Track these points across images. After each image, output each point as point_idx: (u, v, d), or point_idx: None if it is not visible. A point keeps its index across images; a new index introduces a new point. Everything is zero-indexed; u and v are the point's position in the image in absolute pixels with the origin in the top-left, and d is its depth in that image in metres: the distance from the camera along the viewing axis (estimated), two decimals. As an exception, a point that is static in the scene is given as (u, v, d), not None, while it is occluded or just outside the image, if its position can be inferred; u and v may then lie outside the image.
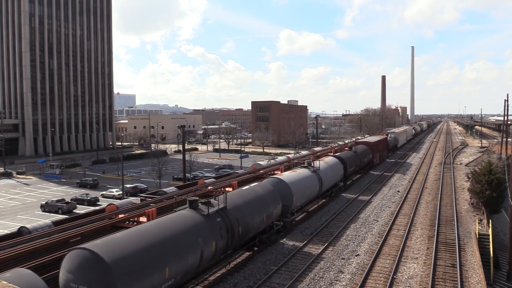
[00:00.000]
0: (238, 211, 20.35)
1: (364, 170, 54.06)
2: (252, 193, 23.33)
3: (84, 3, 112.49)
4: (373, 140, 62.21)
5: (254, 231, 22.17)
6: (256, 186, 25.21)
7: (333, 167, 38.04)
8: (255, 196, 23.09)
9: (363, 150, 53.09)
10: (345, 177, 43.02)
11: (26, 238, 16.79)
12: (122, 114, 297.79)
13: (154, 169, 58.52)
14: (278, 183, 27.18)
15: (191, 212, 18.32)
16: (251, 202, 22.07)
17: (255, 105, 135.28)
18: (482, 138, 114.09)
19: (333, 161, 39.59)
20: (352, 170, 45.28)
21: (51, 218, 39.70)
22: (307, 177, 31.14)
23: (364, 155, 51.75)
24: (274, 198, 24.69)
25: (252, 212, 21.65)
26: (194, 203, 18.88)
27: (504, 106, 59.20)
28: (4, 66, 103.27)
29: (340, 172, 39.93)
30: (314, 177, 32.38)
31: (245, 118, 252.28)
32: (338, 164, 40.12)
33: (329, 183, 35.85)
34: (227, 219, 19.35)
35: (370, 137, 74.96)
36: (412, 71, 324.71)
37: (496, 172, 32.76)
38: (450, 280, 20.52)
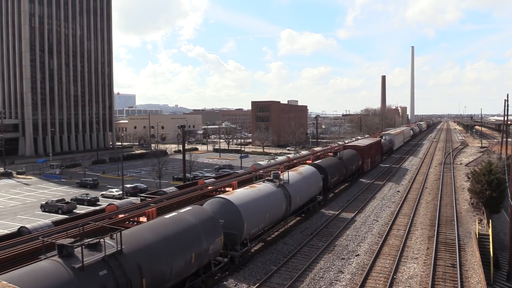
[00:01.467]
0: (144, 255, 14.50)
1: (352, 178, 47.43)
2: (175, 224, 16.95)
3: (84, 3, 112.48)
4: (364, 144, 54.68)
5: (174, 280, 16.05)
6: (186, 213, 18.25)
7: (308, 179, 31.53)
8: (178, 229, 16.77)
9: (351, 156, 46.37)
10: (326, 189, 36.24)
11: (26, 238, 16.78)
12: (122, 114, 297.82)
13: (154, 169, 58.54)
14: (223, 206, 21.09)
15: (56, 265, 12.06)
16: (170, 239, 15.95)
17: (255, 105, 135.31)
18: (482, 138, 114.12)
19: (309, 171, 32.98)
20: (335, 181, 38.50)
21: (51, 218, 39.71)
22: (268, 195, 24.66)
23: (351, 162, 44.97)
24: (212, 228, 18.46)
25: (171, 253, 15.68)
26: (65, 249, 12.53)
27: (504, 106, 59.21)
28: (4, 66, 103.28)
29: (318, 183, 33.23)
30: (280, 194, 26.01)
31: (245, 118, 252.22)
32: (316, 174, 33.45)
33: (302, 198, 29.73)
34: (120, 270, 13.25)
35: (361, 140, 67.29)
36: (412, 71, 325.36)
37: (496, 172, 32.76)
38: (450, 280, 20.52)
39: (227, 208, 21.01)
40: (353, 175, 47.35)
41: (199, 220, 18.01)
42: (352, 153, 47.59)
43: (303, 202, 30.70)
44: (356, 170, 47.79)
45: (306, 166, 34.86)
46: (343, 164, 41.70)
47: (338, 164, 40.61)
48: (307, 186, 30.75)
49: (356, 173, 48.56)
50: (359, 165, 48.64)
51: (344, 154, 43.89)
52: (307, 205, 32.15)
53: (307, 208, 32.28)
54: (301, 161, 44.13)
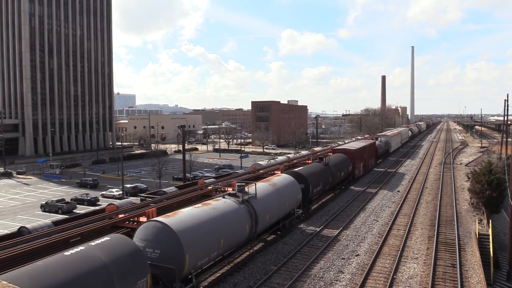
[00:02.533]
0: None
1: (342, 186, 42.81)
2: (72, 267, 12.13)
3: (84, 3, 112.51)
4: (355, 147, 49.47)
5: None
6: (96, 248, 13.39)
7: (283, 191, 26.20)
8: (74, 274, 11.94)
9: (340, 161, 41.44)
10: (307, 201, 31.44)
11: (26, 238, 16.79)
12: (122, 114, 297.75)
13: (154, 169, 58.55)
14: (159, 233, 16.09)
15: None
16: None
17: (255, 105, 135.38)
18: (482, 138, 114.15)
19: (284, 181, 27.61)
20: (318, 190, 33.53)
21: (51, 218, 39.72)
22: (225, 214, 19.45)
23: (340, 167, 40.11)
24: (132, 266, 13.76)
25: None
26: None
27: (504, 106, 59.22)
28: (4, 66, 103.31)
29: (296, 195, 28.06)
30: (242, 212, 20.87)
31: (245, 118, 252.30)
32: (293, 184, 28.20)
33: (273, 215, 24.47)
34: None
35: (353, 142, 61.99)
36: (412, 71, 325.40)
37: (496, 172, 32.77)
38: (450, 280, 20.52)
39: (164, 236, 15.98)
40: (343, 182, 42.59)
41: (112, 256, 13.28)
42: (341, 158, 42.63)
43: (276, 219, 25.40)
44: (346, 177, 42.87)
45: (283, 175, 29.45)
46: (329, 171, 36.58)
47: (323, 171, 35.49)
48: (281, 200, 25.43)
49: (346, 179, 43.72)
50: (349, 171, 43.54)
51: (331, 160, 38.91)
52: (283, 221, 27.01)
53: (283, 224, 27.12)
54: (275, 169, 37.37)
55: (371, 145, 58.13)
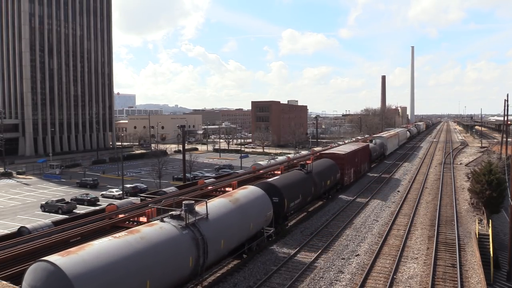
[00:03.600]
0: None
1: (329, 195, 37.94)
2: None
3: (84, 3, 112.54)
4: (345, 151, 44.43)
5: None
6: None
7: (246, 209, 21.16)
8: None
9: (326, 168, 36.70)
10: (281, 217, 26.78)
11: (26, 238, 16.79)
12: (122, 114, 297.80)
13: (154, 169, 58.58)
14: (47, 280, 11.57)
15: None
16: None
17: (255, 105, 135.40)
18: (482, 138, 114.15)
19: (250, 196, 22.56)
20: (297, 204, 28.57)
21: (51, 218, 39.73)
22: (155, 246, 14.64)
23: (325, 175, 35.35)
24: None
25: None
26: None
27: (504, 106, 59.21)
28: (4, 66, 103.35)
29: (266, 212, 23.07)
30: (185, 240, 16.05)
31: (245, 118, 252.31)
32: (262, 199, 23.27)
33: (232, 240, 19.69)
34: None
35: (344, 145, 56.85)
36: (412, 71, 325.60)
37: (496, 172, 32.77)
38: (450, 280, 20.52)
39: (54, 284, 11.49)
40: (330, 191, 37.87)
41: None
42: (327, 164, 37.82)
43: (236, 244, 20.66)
44: (333, 185, 38.30)
45: (250, 187, 24.16)
46: (311, 180, 31.69)
47: (304, 181, 30.58)
48: (244, 219, 20.79)
49: (334, 188, 39.30)
50: (337, 178, 39.05)
51: (314, 166, 33.87)
52: (251, 242, 22.40)
53: (249, 247, 22.42)
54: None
55: (364, 148, 53.11)
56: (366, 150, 54.13)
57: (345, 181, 42.02)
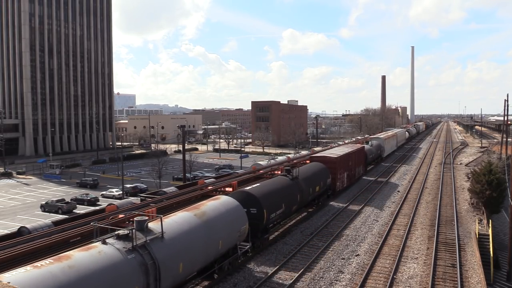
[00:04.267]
0: None
1: (319, 201, 35.56)
2: None
3: (84, 3, 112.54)
4: (337, 154, 41.59)
5: None
6: None
7: (215, 223, 18.44)
8: None
9: (315, 173, 33.89)
10: (261, 231, 23.72)
11: (26, 238, 16.79)
12: (122, 114, 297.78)
13: (154, 169, 58.56)
14: None
15: None
16: None
17: (255, 105, 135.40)
18: (482, 138, 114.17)
19: (221, 208, 19.75)
20: (279, 215, 25.53)
21: (51, 218, 39.72)
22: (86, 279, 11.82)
23: (314, 181, 32.53)
24: None
25: None
26: None
27: (504, 106, 59.18)
28: (4, 66, 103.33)
29: (240, 226, 20.27)
30: (129, 267, 13.32)
31: (245, 118, 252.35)
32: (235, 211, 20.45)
33: (194, 263, 17.04)
34: None
35: (337, 148, 53.18)
36: (412, 71, 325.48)
37: (496, 172, 32.78)
38: (450, 280, 20.53)
39: None
40: (319, 197, 35.15)
41: None
42: (316, 169, 35.05)
43: (201, 266, 17.85)
44: (323, 191, 35.48)
45: (222, 198, 21.25)
46: (297, 187, 28.86)
47: (288, 188, 27.66)
48: (212, 237, 17.81)
49: (325, 194, 36.37)
50: (327, 183, 35.97)
51: (301, 172, 31.04)
52: (221, 261, 19.70)
53: (220, 267, 19.72)
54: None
55: (359, 150, 50.09)
56: (361, 152, 51.30)
57: (337, 187, 39.24)
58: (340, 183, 40.55)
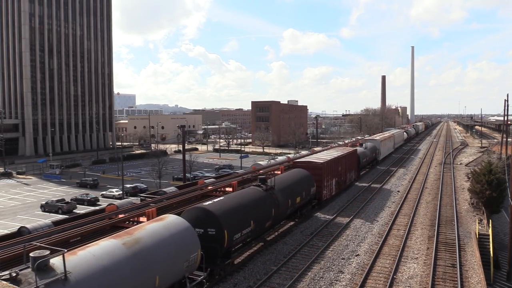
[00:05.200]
0: None
1: (302, 213, 31.10)
2: None
3: (84, 3, 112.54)
4: (324, 159, 37.07)
5: None
6: None
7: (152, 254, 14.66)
8: None
9: (296, 181, 29.43)
10: (219, 256, 19.72)
11: (26, 238, 16.80)
12: (122, 114, 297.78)
13: (154, 169, 58.56)
14: None
15: None
16: None
17: (255, 105, 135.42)
18: (482, 138, 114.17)
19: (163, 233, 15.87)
20: (245, 234, 21.24)
21: (51, 218, 39.72)
22: None
23: (294, 191, 28.16)
24: None
25: None
26: None
27: (504, 106, 59.17)
28: (4, 66, 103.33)
29: (189, 253, 16.50)
30: None
31: (245, 118, 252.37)
32: (184, 235, 16.67)
33: None
34: None
35: (324, 152, 47.64)
36: (412, 72, 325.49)
37: (496, 172, 32.78)
38: (450, 280, 20.53)
39: None
40: (303, 209, 31.12)
41: None
42: (299, 176, 30.75)
43: None
44: (307, 201, 31.44)
45: (167, 219, 17.02)
46: (271, 199, 24.47)
47: (259, 201, 23.31)
48: (144, 271, 14.00)
49: (309, 204, 32.25)
50: (312, 193, 31.63)
51: (278, 181, 26.72)
52: None
53: None
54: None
55: (351, 154, 45.48)
56: (353, 156, 46.75)
57: (323, 195, 34.99)
58: (328, 191, 36.32)
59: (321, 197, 34.62)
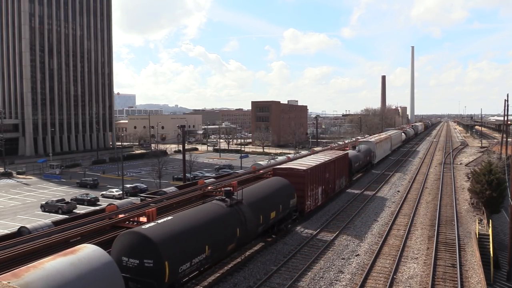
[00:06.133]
0: None
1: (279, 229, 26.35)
2: None
3: (84, 3, 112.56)
4: (308, 165, 32.69)
5: None
6: None
7: None
8: None
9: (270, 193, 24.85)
10: None
11: (26, 238, 16.79)
12: (122, 114, 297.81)
13: (154, 169, 58.59)
14: None
15: None
16: None
17: (255, 105, 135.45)
18: (482, 138, 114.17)
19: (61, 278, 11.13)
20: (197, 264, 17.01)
21: (51, 218, 39.73)
22: None
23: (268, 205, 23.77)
24: None
25: None
26: None
27: (504, 106, 59.19)
28: (4, 66, 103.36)
29: None
30: None
31: (245, 118, 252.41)
32: (100, 282, 12.07)
33: None
34: None
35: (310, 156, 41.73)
36: (412, 72, 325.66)
37: (496, 172, 32.79)
38: (450, 280, 20.53)
39: None
40: (279, 224, 26.17)
41: None
42: (275, 186, 26.15)
43: None
44: (286, 215, 26.62)
45: (82, 251, 12.80)
46: (236, 216, 20.14)
47: (219, 220, 19.04)
48: None
49: (288, 218, 27.37)
50: (291, 205, 26.94)
51: (246, 193, 22.38)
52: None
53: None
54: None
55: (340, 158, 40.85)
56: (343, 160, 42.05)
57: (307, 207, 30.79)
58: (312, 202, 32.11)
59: (304, 209, 30.42)
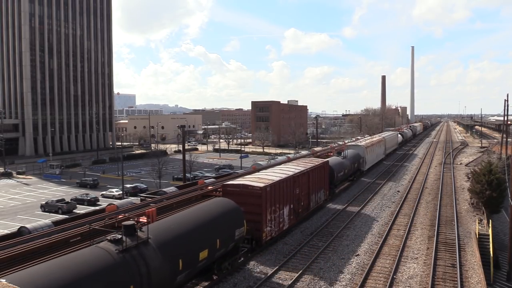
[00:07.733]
0: None
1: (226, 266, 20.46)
2: None
3: (84, 3, 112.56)
4: (269, 179, 25.50)
5: None
6: None
7: None
8: None
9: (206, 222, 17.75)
10: None
11: (26, 238, 16.79)
12: (122, 114, 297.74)
13: (154, 169, 58.57)
14: None
15: None
16: None
17: (255, 105, 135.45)
18: (482, 138, 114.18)
19: None
20: None
21: (51, 218, 39.72)
22: None
23: (195, 243, 16.57)
24: None
25: None
26: None
27: (504, 106, 59.21)
28: (4, 66, 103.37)
29: None
30: None
31: (245, 118, 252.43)
32: None
33: None
34: None
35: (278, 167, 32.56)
36: (412, 72, 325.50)
37: (496, 172, 32.79)
38: (450, 280, 20.53)
39: None
40: (220, 263, 19.75)
41: None
42: (212, 213, 18.88)
43: None
44: (228, 251, 19.90)
45: None
46: (133, 268, 13.22)
47: (105, 276, 12.22)
48: None
49: (234, 254, 20.89)
50: (238, 236, 20.11)
51: (160, 228, 16.04)
52: None
53: None
54: None
55: (319, 168, 33.33)
56: (321, 170, 34.13)
57: (265, 234, 23.71)
58: (273, 227, 24.90)
59: (261, 238, 23.36)
